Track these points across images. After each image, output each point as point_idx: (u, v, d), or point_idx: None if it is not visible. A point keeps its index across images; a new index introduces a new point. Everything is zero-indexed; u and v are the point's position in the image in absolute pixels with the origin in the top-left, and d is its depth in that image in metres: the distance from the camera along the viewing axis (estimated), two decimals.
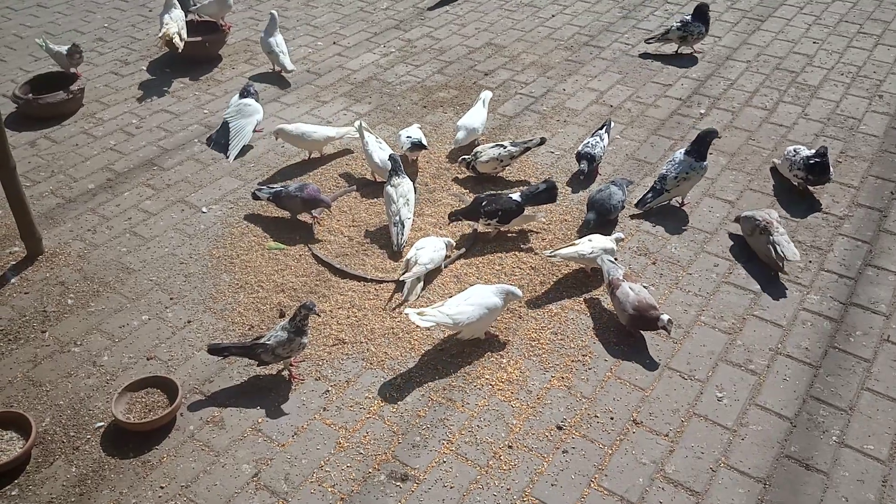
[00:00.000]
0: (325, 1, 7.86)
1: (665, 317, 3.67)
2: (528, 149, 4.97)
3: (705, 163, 4.65)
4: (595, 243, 4.14)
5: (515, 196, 4.45)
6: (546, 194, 4.49)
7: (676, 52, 6.58)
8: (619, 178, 4.75)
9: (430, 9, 7.60)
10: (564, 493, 3.15)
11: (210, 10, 6.78)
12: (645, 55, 6.58)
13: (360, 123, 5.08)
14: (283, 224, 4.70)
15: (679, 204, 4.80)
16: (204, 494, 3.18)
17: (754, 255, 4.34)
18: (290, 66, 6.33)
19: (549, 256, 4.17)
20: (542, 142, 5.05)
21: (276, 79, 6.40)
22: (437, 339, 3.88)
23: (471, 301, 3.72)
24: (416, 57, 6.70)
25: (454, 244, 4.36)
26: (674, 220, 4.67)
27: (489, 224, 4.44)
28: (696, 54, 6.57)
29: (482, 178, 5.02)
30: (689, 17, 6.43)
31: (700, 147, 4.62)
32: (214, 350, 3.60)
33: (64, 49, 6.11)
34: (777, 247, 4.16)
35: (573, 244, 4.19)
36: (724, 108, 5.82)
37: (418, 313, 3.66)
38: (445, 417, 3.48)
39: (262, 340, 3.56)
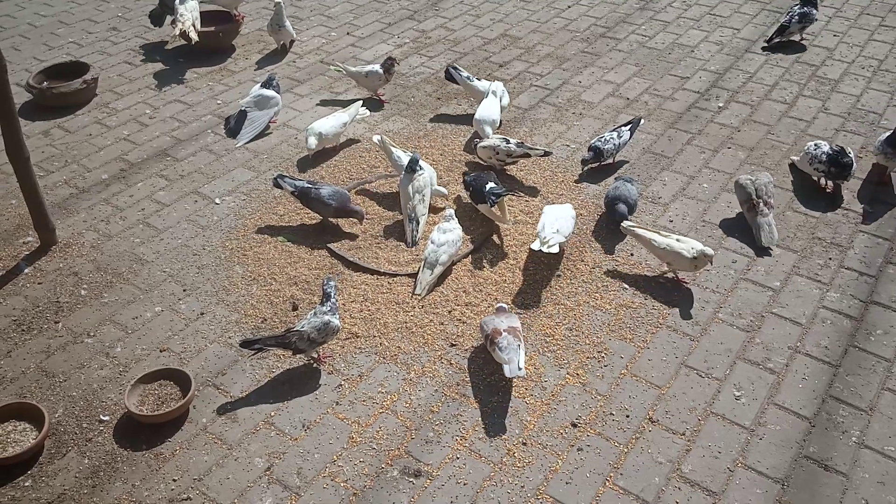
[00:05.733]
0: None
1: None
2: (528, 154, 4.84)
3: None
4: (683, 244, 4.00)
5: (492, 184, 4.40)
6: (489, 196, 4.37)
7: (800, 40, 6.52)
8: (626, 175, 4.68)
9: None
10: (579, 492, 3.12)
11: (224, 0, 6.75)
12: (767, 49, 6.48)
13: (382, 138, 4.87)
14: (296, 216, 4.68)
15: None
16: (216, 488, 3.17)
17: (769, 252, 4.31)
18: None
19: (625, 227, 4.24)
20: (547, 154, 4.90)
21: (290, 69, 6.36)
22: (451, 333, 3.85)
23: (560, 217, 4.17)
24: (431, 48, 6.64)
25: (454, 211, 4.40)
26: (691, 214, 4.61)
27: (465, 194, 4.63)
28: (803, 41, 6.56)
29: (486, 167, 4.97)
30: (801, 8, 6.38)
31: None
32: (247, 344, 3.55)
33: (376, 67, 5.70)
34: (758, 229, 4.33)
35: (657, 231, 4.15)
36: (742, 101, 5.74)
37: (542, 244, 4.01)
38: (459, 413, 3.46)
39: (295, 328, 3.55)
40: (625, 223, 4.26)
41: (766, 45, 6.50)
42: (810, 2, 6.41)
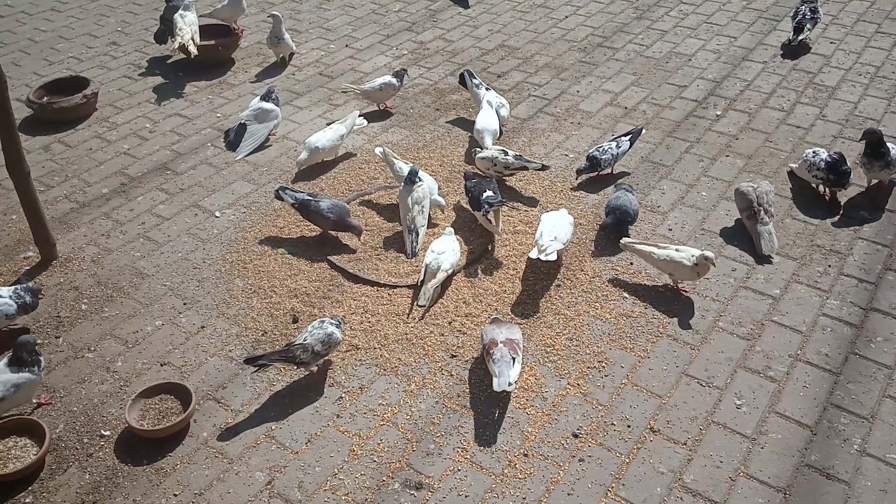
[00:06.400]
0: (338, 3, 7.85)
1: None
2: (524, 167, 4.84)
3: None
4: (682, 253, 3.99)
5: (491, 192, 4.44)
6: (483, 203, 4.41)
7: (805, 39, 6.59)
8: (626, 184, 4.68)
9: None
10: (581, 503, 3.11)
11: (223, 13, 6.78)
12: (789, 51, 6.54)
13: (384, 150, 4.90)
14: (296, 229, 4.69)
15: None
16: (217, 502, 3.16)
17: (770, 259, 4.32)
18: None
19: (624, 244, 4.23)
20: (543, 168, 4.89)
21: (289, 82, 6.39)
22: (451, 344, 3.85)
23: (557, 224, 4.18)
24: (429, 59, 6.67)
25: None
26: (690, 223, 4.61)
27: (464, 199, 4.70)
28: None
29: (486, 177, 4.98)
30: (810, 5, 6.46)
31: None
32: (251, 361, 3.53)
33: (389, 78, 5.78)
34: (758, 238, 4.34)
35: (654, 244, 4.13)
36: (740, 109, 5.75)
37: (540, 252, 4.02)
38: (460, 424, 3.45)
39: (297, 341, 3.56)
40: (623, 240, 4.26)
41: (790, 44, 6.53)
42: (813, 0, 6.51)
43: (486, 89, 5.56)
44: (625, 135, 5.10)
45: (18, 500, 3.21)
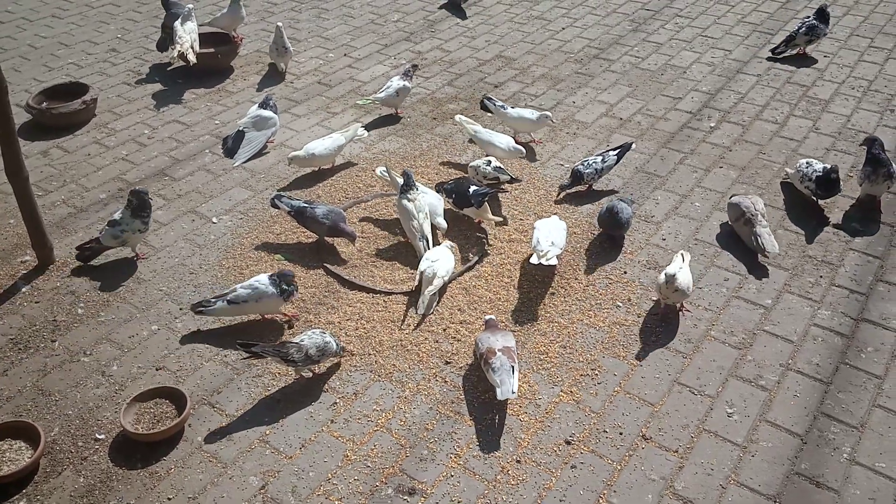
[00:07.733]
0: (337, 13, 7.91)
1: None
2: (497, 178, 4.89)
3: None
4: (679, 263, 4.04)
5: (475, 186, 4.56)
6: (474, 197, 4.54)
7: (802, 52, 6.70)
8: (626, 196, 4.72)
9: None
10: None
11: (222, 22, 6.83)
12: (771, 59, 6.67)
13: (385, 169, 4.93)
14: (293, 235, 4.72)
15: None
16: None
17: (765, 269, 4.35)
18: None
19: (681, 254, 4.20)
20: (513, 180, 4.96)
21: (287, 90, 6.43)
22: (446, 351, 3.87)
23: (553, 229, 4.26)
24: (427, 69, 6.72)
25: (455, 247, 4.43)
26: (684, 233, 4.65)
27: (448, 202, 4.70)
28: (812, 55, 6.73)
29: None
30: (812, 20, 6.56)
31: None
32: (245, 346, 3.58)
33: (403, 82, 5.83)
34: (759, 238, 4.37)
35: (685, 258, 4.14)
36: (734, 121, 5.81)
37: (540, 257, 4.09)
38: (453, 431, 3.47)
39: (294, 340, 3.60)
40: (681, 252, 4.24)
41: (771, 55, 6.66)
42: (822, 17, 6.56)
43: (512, 108, 5.57)
44: (614, 149, 5.12)
45: (12, 503, 3.22)
